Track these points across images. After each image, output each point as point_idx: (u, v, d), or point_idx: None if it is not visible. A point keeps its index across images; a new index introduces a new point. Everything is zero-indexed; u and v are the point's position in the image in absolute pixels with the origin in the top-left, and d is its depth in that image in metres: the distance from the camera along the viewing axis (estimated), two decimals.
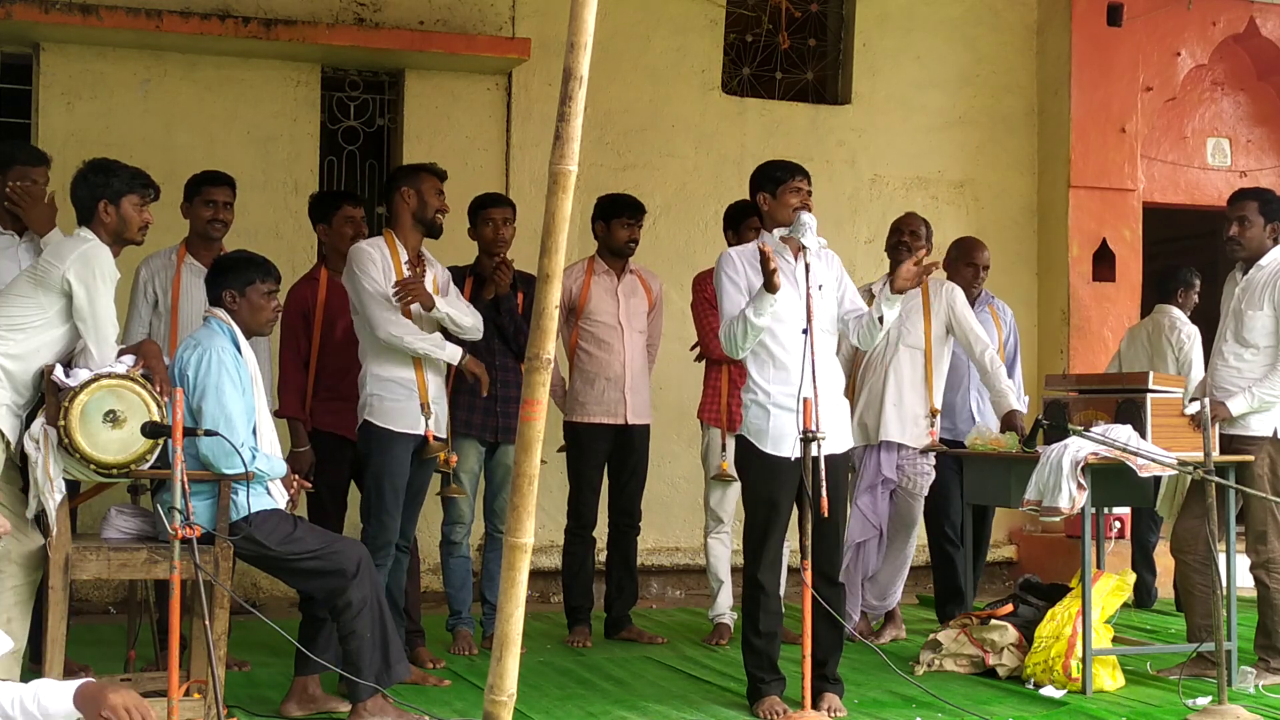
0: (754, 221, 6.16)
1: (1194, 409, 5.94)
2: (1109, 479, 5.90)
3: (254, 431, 4.85)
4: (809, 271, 5.21)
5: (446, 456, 5.69)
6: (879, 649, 5.91)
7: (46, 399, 4.68)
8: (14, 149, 5.59)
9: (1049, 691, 5.67)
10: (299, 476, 5.23)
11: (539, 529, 5.20)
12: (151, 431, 4.53)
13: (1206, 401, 5.45)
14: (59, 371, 4.67)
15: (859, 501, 6.61)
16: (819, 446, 4.99)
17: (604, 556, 6.96)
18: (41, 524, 4.67)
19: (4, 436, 4.68)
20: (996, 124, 9.27)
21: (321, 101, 8.16)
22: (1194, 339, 7.71)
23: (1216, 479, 5.27)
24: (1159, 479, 6.14)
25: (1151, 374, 6.14)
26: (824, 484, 4.94)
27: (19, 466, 4.76)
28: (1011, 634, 5.99)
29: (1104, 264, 9.09)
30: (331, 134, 8.27)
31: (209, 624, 4.26)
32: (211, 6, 7.74)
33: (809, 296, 5.18)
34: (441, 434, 5.66)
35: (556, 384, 6.74)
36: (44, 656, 4.60)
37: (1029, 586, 6.29)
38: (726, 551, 6.87)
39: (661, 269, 7.38)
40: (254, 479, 4.72)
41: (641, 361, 6.82)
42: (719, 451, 6.75)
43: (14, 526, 4.53)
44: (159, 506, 4.73)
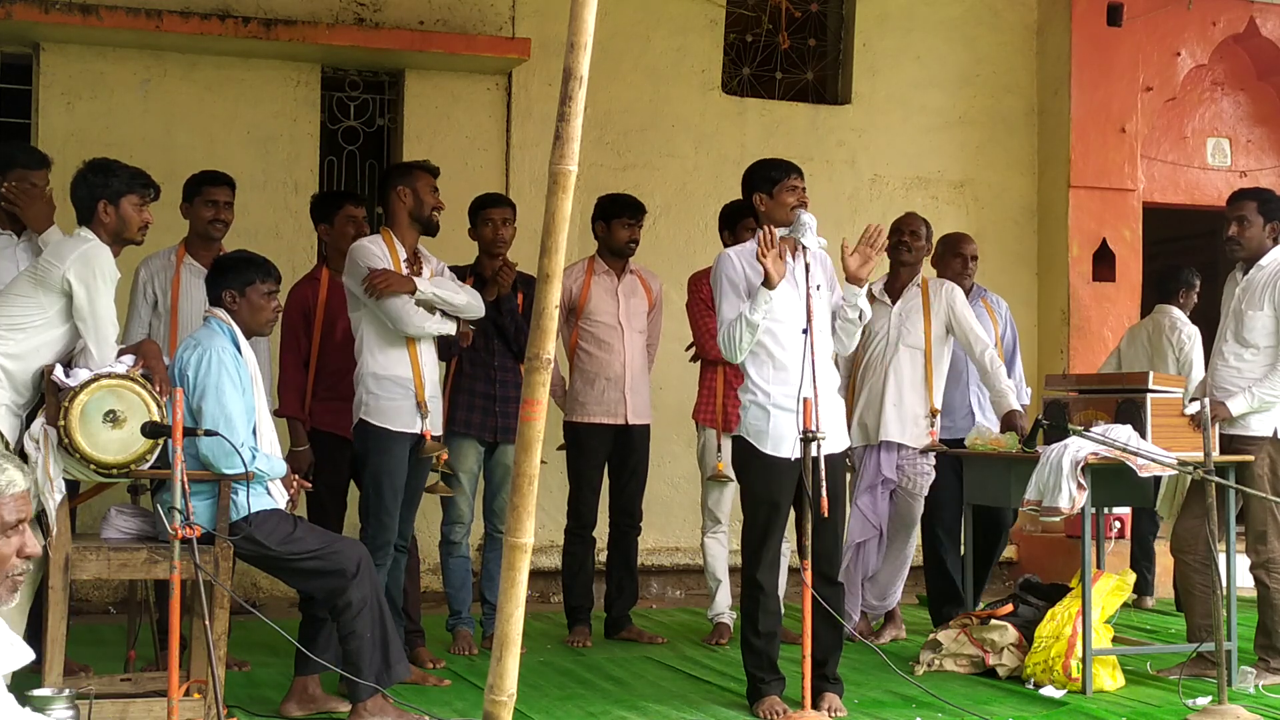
0: (750, 222, 6.08)
1: (1194, 409, 5.94)
2: (1109, 479, 5.89)
3: (254, 431, 4.85)
4: (809, 271, 5.21)
5: (437, 454, 5.68)
6: (879, 649, 5.91)
7: (46, 399, 4.68)
8: (15, 151, 5.59)
9: (1049, 691, 5.67)
10: (298, 476, 5.23)
11: (539, 529, 5.19)
12: (151, 431, 4.53)
13: (1206, 401, 5.45)
14: (59, 371, 4.67)
15: (859, 501, 6.61)
16: (819, 446, 4.99)
17: (604, 556, 6.96)
18: (41, 524, 4.67)
19: (3, 437, 4.68)
20: (996, 124, 9.27)
21: (321, 101, 8.16)
22: (1194, 339, 7.71)
23: (1216, 479, 5.27)
24: (1159, 479, 6.14)
25: (1151, 374, 6.14)
26: (824, 484, 4.94)
27: None
28: (1011, 634, 5.99)
29: (1104, 264, 9.09)
30: (331, 134, 8.27)
31: (209, 624, 4.26)
32: (211, 6, 7.74)
33: (809, 296, 5.17)
34: (438, 432, 5.67)
35: (556, 384, 6.73)
36: (44, 656, 4.59)
37: (1029, 586, 6.29)
38: (723, 551, 6.87)
39: (661, 269, 7.37)
40: (254, 479, 4.71)
41: (642, 361, 6.82)
42: (714, 452, 6.75)
43: None
44: (159, 506, 4.72)
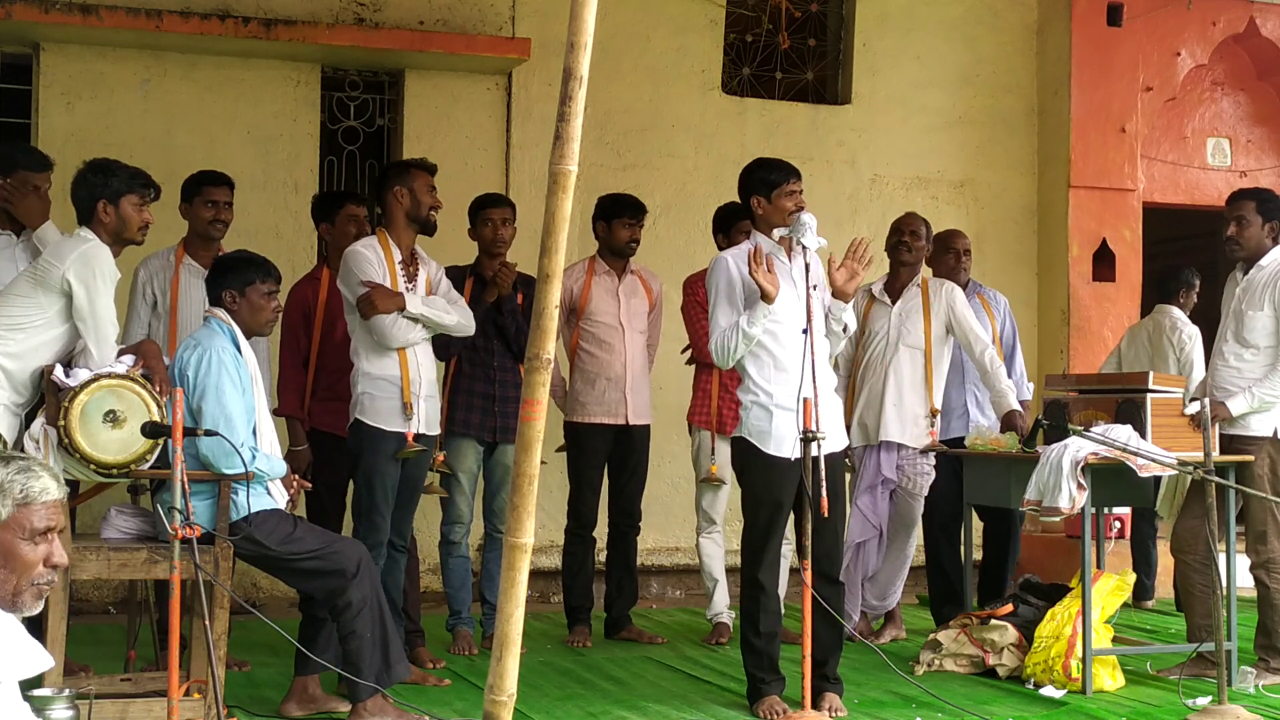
0: (745, 225, 5.97)
1: (1194, 409, 5.93)
2: (1109, 479, 5.89)
3: (254, 431, 4.85)
4: (808, 271, 5.20)
5: (427, 454, 5.64)
6: (879, 649, 5.91)
7: (46, 399, 4.68)
8: (17, 153, 5.58)
9: (1049, 691, 5.67)
10: (298, 476, 5.23)
11: (539, 529, 5.19)
12: (151, 431, 4.53)
13: (1206, 401, 5.45)
14: (59, 371, 4.67)
15: (859, 501, 6.60)
16: (819, 446, 4.99)
17: (604, 556, 6.96)
18: None
19: (2, 437, 4.68)
20: (996, 124, 9.27)
21: (321, 101, 8.15)
22: (1195, 339, 7.71)
23: (1216, 479, 5.27)
24: (1159, 479, 6.14)
25: (1151, 374, 6.14)
26: (824, 483, 4.94)
27: None
28: (1011, 634, 5.99)
29: (1104, 264, 9.08)
30: (331, 134, 8.27)
31: (209, 624, 4.26)
32: (211, 6, 7.74)
33: (809, 296, 5.17)
34: (434, 431, 5.65)
35: (557, 384, 6.73)
36: None
37: (1029, 586, 6.29)
38: (719, 550, 6.88)
39: (661, 269, 7.37)
40: (254, 479, 4.71)
41: (642, 362, 6.81)
42: (709, 455, 6.75)
43: None
44: (159, 506, 4.72)
